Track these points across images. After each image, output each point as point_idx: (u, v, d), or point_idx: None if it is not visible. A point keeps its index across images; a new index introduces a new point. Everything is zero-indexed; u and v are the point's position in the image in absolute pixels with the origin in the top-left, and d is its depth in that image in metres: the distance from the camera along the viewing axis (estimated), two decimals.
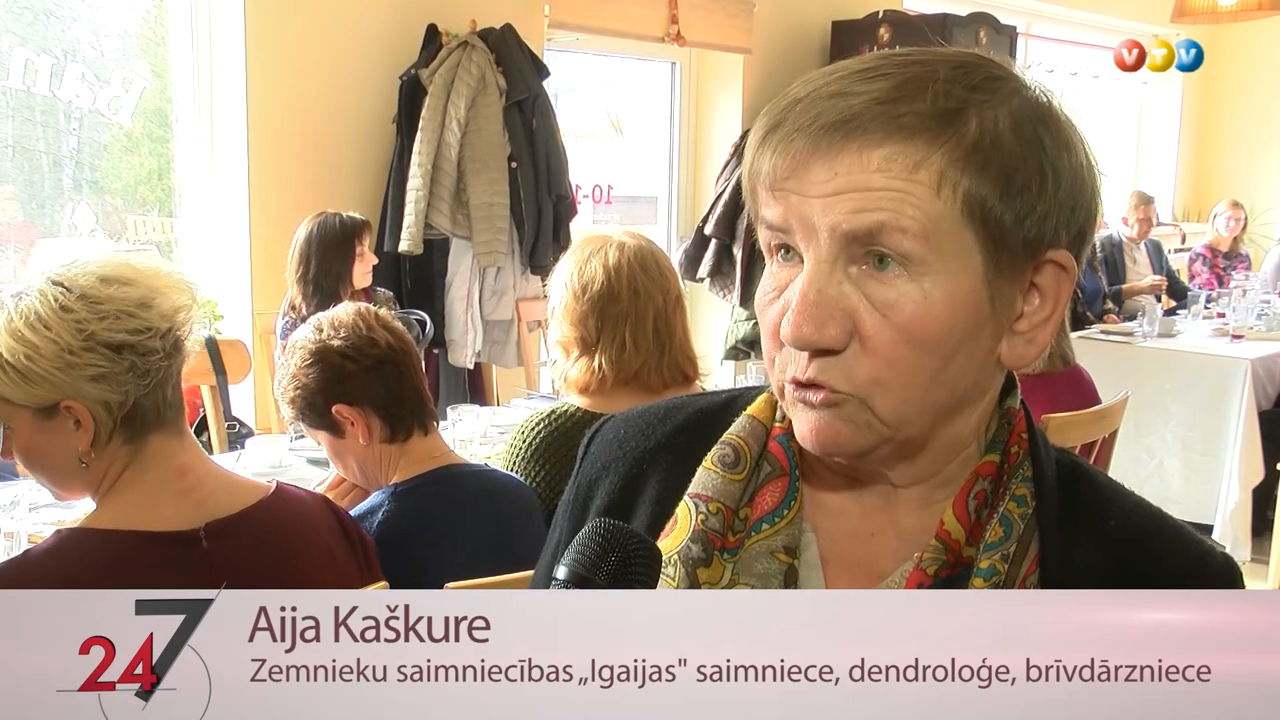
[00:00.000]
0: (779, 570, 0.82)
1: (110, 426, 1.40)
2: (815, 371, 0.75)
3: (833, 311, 0.73)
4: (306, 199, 3.85)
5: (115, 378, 1.37)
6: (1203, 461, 4.61)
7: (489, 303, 4.25)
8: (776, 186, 0.75)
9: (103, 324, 1.36)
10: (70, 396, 1.37)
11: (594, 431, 0.97)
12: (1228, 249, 6.82)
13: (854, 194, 0.72)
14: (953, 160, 0.71)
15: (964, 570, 0.79)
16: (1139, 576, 0.81)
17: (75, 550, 1.38)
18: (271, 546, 1.49)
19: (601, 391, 2.04)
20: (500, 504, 1.92)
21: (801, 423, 0.78)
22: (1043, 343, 0.78)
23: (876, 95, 0.72)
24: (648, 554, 0.70)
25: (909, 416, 0.76)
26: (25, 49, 3.69)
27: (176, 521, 1.43)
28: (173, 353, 1.43)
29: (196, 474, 1.47)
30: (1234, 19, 6.06)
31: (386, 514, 1.81)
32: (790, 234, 0.75)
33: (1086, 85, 7.74)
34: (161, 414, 1.44)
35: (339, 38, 4.06)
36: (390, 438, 1.88)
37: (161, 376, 1.42)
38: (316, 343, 1.86)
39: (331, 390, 1.85)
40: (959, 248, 0.73)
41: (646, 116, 5.68)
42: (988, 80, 0.74)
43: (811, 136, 0.73)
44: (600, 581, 0.68)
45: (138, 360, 1.38)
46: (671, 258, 2.67)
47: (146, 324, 1.39)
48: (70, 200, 4.01)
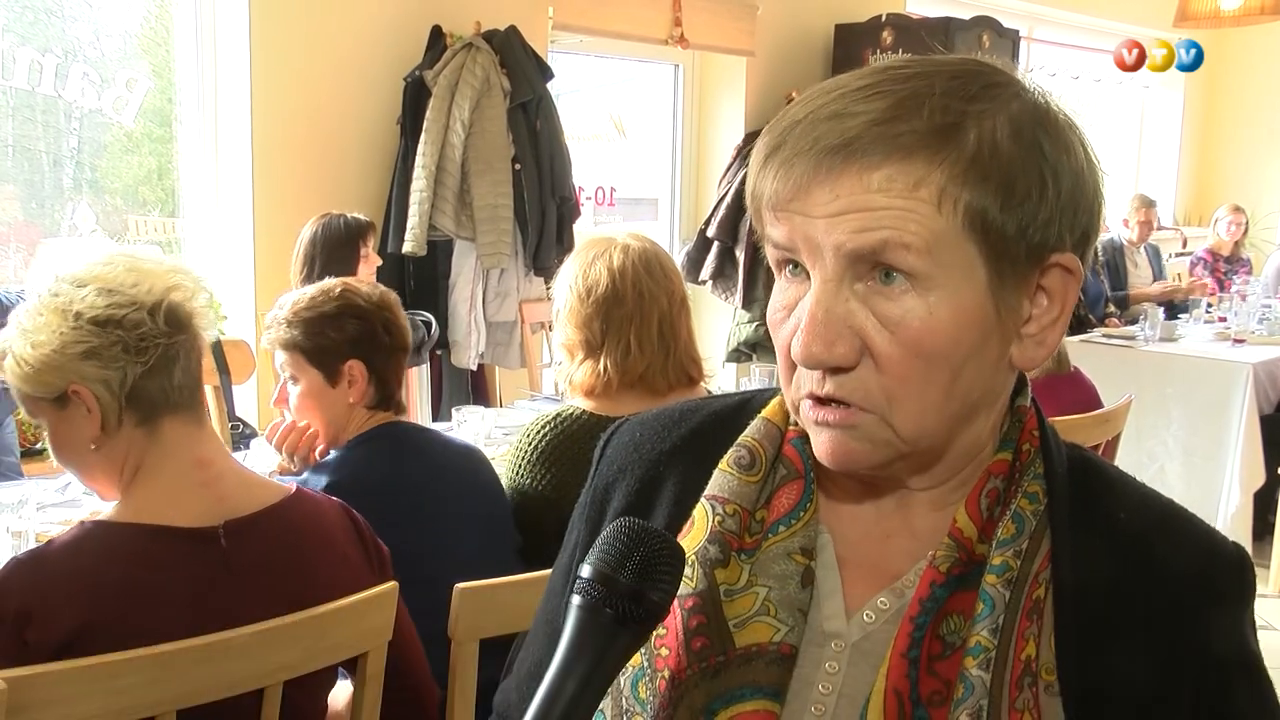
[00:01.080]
0: (796, 571, 0.82)
1: (116, 408, 1.42)
2: (833, 387, 0.76)
3: (841, 330, 0.74)
4: (310, 200, 3.85)
5: (105, 352, 1.40)
6: (1204, 465, 4.61)
7: (492, 304, 4.25)
8: (780, 208, 0.76)
9: (85, 301, 1.41)
10: (73, 380, 1.41)
11: (609, 435, 0.97)
12: (1229, 253, 6.83)
13: (856, 214, 0.73)
14: (953, 176, 0.72)
15: (977, 567, 0.79)
16: (1149, 572, 0.81)
17: (96, 543, 1.40)
18: (288, 548, 1.50)
19: (606, 394, 2.04)
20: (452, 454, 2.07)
21: (819, 441, 0.79)
22: (1053, 343, 0.79)
23: (874, 116, 0.73)
24: (672, 553, 0.71)
25: (927, 430, 0.77)
26: (27, 48, 3.69)
27: (197, 517, 1.44)
28: (172, 331, 1.44)
29: (216, 468, 1.48)
30: (1236, 23, 6.07)
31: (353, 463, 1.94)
32: (796, 252, 0.76)
33: (1089, 89, 7.75)
34: (171, 397, 1.46)
35: (343, 39, 4.06)
36: (373, 407, 2.03)
37: (162, 355, 1.43)
38: (369, 302, 2.01)
39: (359, 348, 1.98)
40: (962, 261, 0.73)
41: (649, 118, 5.68)
42: (985, 89, 0.75)
43: (812, 160, 0.73)
44: (625, 580, 0.68)
45: (126, 335, 1.41)
46: (673, 260, 2.67)
47: (131, 299, 1.42)
48: (70, 200, 4.01)
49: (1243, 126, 8.56)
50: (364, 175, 4.16)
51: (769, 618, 0.81)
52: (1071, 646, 0.79)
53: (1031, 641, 0.78)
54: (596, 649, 0.67)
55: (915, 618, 0.78)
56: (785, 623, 0.81)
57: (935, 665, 0.77)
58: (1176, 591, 0.81)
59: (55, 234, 3.95)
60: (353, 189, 4.09)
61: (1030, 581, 0.79)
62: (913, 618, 0.78)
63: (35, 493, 2.35)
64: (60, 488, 2.48)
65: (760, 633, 0.80)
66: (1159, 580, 0.81)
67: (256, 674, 1.39)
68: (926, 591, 0.79)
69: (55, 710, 1.25)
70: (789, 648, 0.80)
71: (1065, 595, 0.79)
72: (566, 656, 0.67)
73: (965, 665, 0.76)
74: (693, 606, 0.81)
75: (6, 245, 3.92)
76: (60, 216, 4.00)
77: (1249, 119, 8.53)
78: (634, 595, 0.68)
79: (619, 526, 0.71)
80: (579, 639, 0.68)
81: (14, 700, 1.21)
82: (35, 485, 2.52)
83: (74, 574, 1.36)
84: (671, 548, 0.71)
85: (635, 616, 0.68)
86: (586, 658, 0.67)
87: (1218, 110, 8.67)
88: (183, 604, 1.39)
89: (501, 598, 1.62)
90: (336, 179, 4.08)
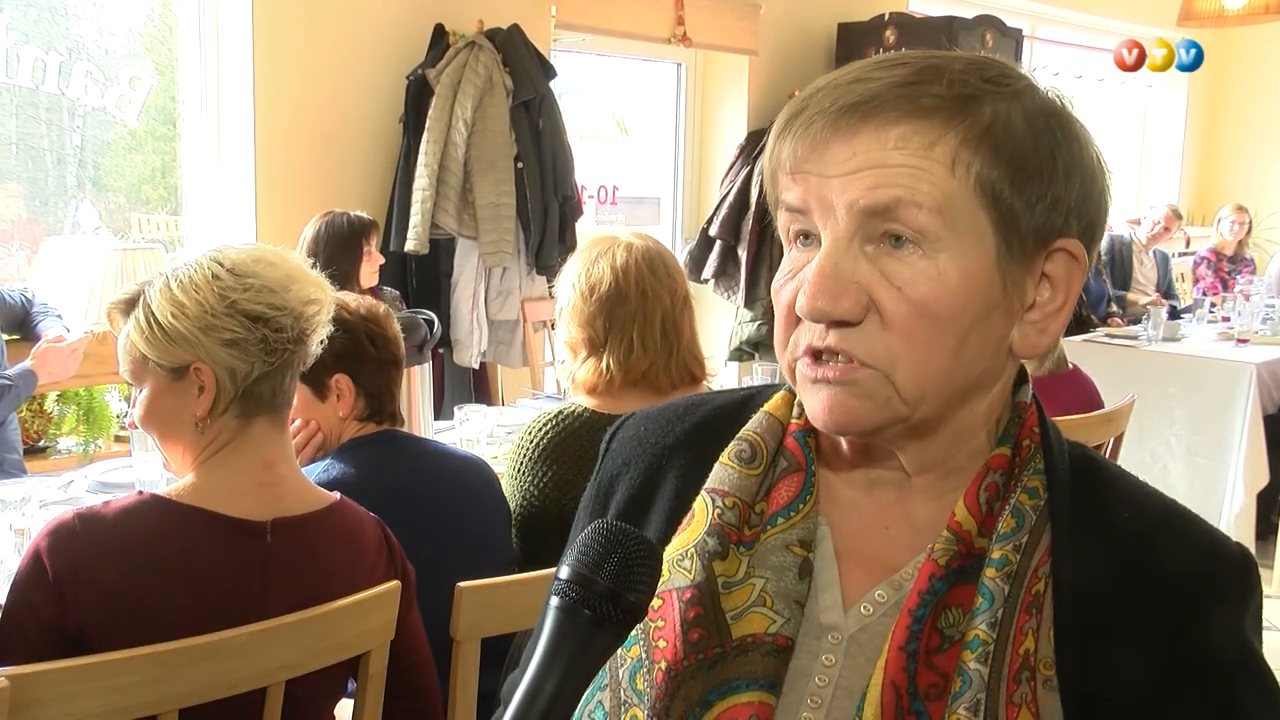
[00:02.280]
0: (794, 563, 0.82)
1: (230, 395, 1.49)
2: (835, 339, 0.76)
3: (848, 285, 0.75)
4: (313, 198, 3.86)
5: (246, 346, 1.47)
6: (1207, 465, 4.61)
7: (494, 303, 4.25)
8: (797, 169, 0.77)
9: (245, 294, 1.48)
10: (202, 359, 1.47)
11: (615, 429, 0.98)
12: (1232, 253, 6.82)
13: (871, 170, 0.74)
14: (966, 141, 0.74)
15: (976, 561, 0.79)
16: (1150, 571, 0.81)
17: (148, 514, 1.44)
18: (323, 555, 1.53)
19: (609, 392, 2.04)
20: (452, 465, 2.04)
21: (815, 401, 0.78)
22: (1054, 333, 0.80)
23: (895, 80, 0.75)
24: (650, 555, 0.70)
25: (928, 394, 0.77)
26: (31, 47, 3.70)
27: (249, 511, 1.49)
28: (298, 341, 1.52)
29: (279, 470, 1.54)
30: (1240, 23, 6.06)
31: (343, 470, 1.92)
32: (809, 214, 0.77)
33: (1092, 89, 7.74)
34: (274, 399, 1.53)
35: (346, 38, 4.06)
36: (365, 419, 1.99)
37: (284, 360, 1.51)
38: (354, 315, 1.96)
39: (345, 362, 1.94)
40: (973, 225, 0.74)
41: (652, 117, 5.68)
42: (1002, 75, 0.77)
43: (831, 118, 0.75)
44: (603, 581, 0.68)
45: (270, 335, 1.48)
46: (676, 259, 2.67)
47: (284, 303, 1.49)
48: (74, 198, 4.01)
49: (1246, 126, 8.55)
50: (366, 174, 4.17)
51: (765, 609, 0.81)
52: (1070, 641, 0.78)
53: (1030, 636, 0.78)
54: (574, 650, 0.68)
55: (913, 610, 0.78)
56: (781, 614, 0.81)
57: (933, 658, 0.77)
58: (1177, 591, 0.80)
59: (58, 232, 3.96)
60: (355, 187, 4.09)
61: (1030, 576, 0.79)
62: (911, 610, 0.78)
63: (38, 490, 2.35)
64: (63, 485, 2.48)
65: (756, 624, 0.80)
66: (1160, 580, 0.81)
67: (257, 673, 1.39)
68: (925, 584, 0.79)
69: (57, 708, 1.25)
70: (785, 640, 0.80)
71: (1064, 591, 0.79)
72: (545, 657, 0.68)
73: (963, 659, 0.76)
74: (690, 598, 0.81)
75: (10, 243, 3.92)
76: (63, 214, 4.01)
77: (1252, 118, 8.52)
78: (611, 597, 0.68)
79: (597, 528, 0.71)
80: (557, 640, 0.68)
81: (16, 697, 1.21)
82: (38, 482, 2.53)
83: (117, 539, 1.40)
84: (649, 550, 0.71)
85: (613, 618, 0.68)
86: (564, 658, 0.67)
87: (1221, 109, 8.66)
88: (216, 590, 1.43)
89: (502, 597, 1.62)
90: (339, 177, 4.08)
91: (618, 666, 0.82)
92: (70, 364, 3.24)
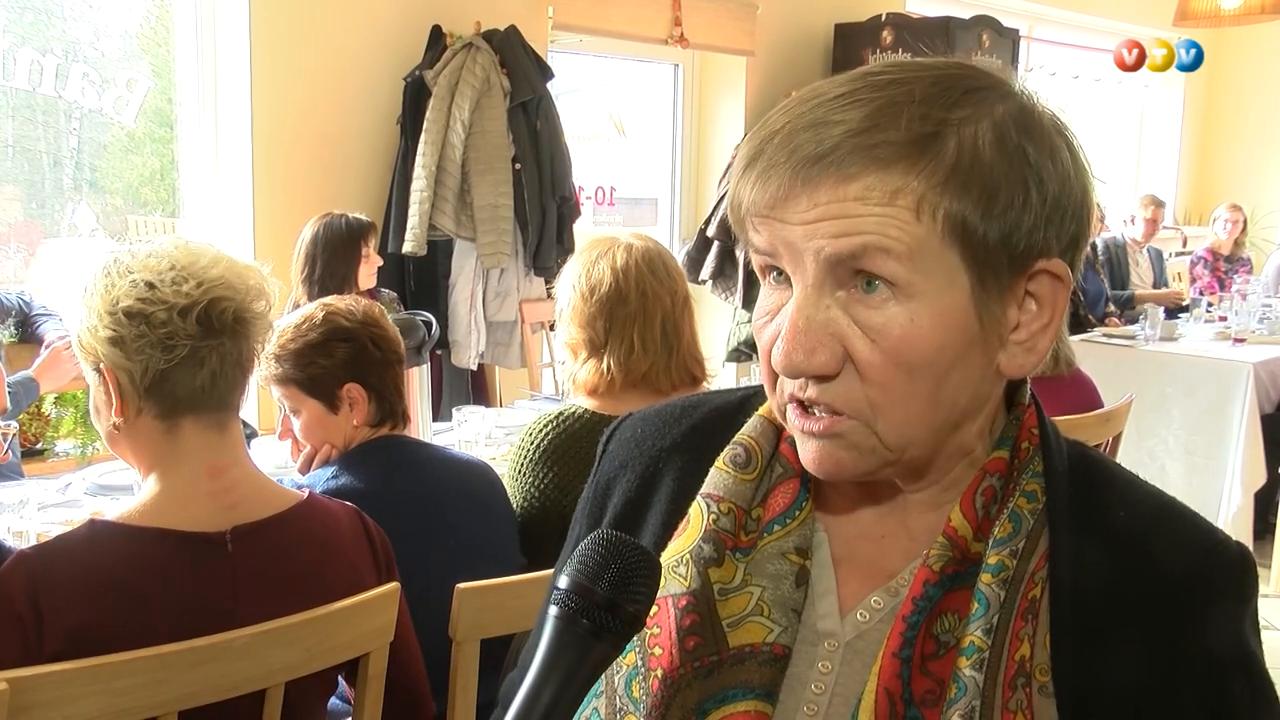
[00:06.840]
0: (790, 571, 0.82)
1: (136, 397, 1.44)
2: (815, 392, 0.75)
3: (822, 338, 0.74)
4: (311, 200, 3.85)
5: (129, 344, 1.41)
6: (1205, 465, 4.61)
7: (492, 304, 4.25)
8: (759, 215, 0.75)
9: (122, 289, 1.42)
10: (102, 359, 1.43)
11: (612, 430, 0.97)
12: (1229, 252, 6.82)
13: (835, 220, 0.72)
14: (931, 185, 0.71)
15: (972, 566, 0.79)
16: (1146, 571, 0.80)
17: (100, 543, 1.40)
18: (294, 555, 1.50)
19: (610, 393, 2.04)
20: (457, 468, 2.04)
21: (805, 450, 0.78)
22: (1042, 350, 0.78)
23: (851, 126, 0.72)
24: (649, 565, 0.70)
25: (912, 439, 0.76)
26: (28, 49, 3.69)
27: (205, 523, 1.43)
28: (203, 334, 1.43)
29: (230, 476, 1.48)
30: (1236, 23, 6.07)
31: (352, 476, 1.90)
32: (778, 258, 0.76)
33: (1088, 88, 7.75)
34: (195, 398, 1.45)
35: (344, 39, 4.06)
36: (377, 423, 1.98)
37: (189, 354, 1.42)
38: (353, 321, 1.95)
39: (353, 369, 1.93)
40: (944, 269, 0.72)
41: (649, 118, 5.68)
42: (967, 94, 0.74)
43: (789, 171, 0.73)
44: (602, 591, 0.68)
45: (149, 330, 1.41)
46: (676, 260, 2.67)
47: (162, 298, 1.41)
48: (71, 200, 4.01)
49: (1243, 125, 8.56)
50: (364, 175, 4.16)
51: (763, 618, 0.81)
52: (1067, 647, 0.78)
53: (1026, 642, 0.77)
54: (572, 659, 0.68)
55: (908, 617, 0.78)
56: (779, 623, 0.80)
57: (928, 665, 0.77)
58: (1173, 590, 0.80)
59: (56, 234, 3.95)
60: (353, 189, 4.09)
61: (1026, 581, 0.78)
62: (906, 617, 0.78)
63: (36, 493, 2.35)
64: (61, 488, 2.48)
65: (754, 633, 0.80)
66: (1155, 579, 0.80)
67: (258, 675, 1.38)
68: (920, 590, 0.78)
69: (57, 711, 1.25)
70: (782, 649, 0.80)
71: (1061, 595, 0.79)
72: (543, 665, 0.67)
73: (959, 665, 0.76)
74: (686, 605, 0.80)
75: (7, 245, 3.92)
76: (61, 217, 4.00)
77: (1249, 118, 8.53)
78: (610, 607, 0.68)
79: (596, 539, 0.70)
80: (555, 649, 0.68)
81: (15, 701, 1.21)
82: (36, 485, 2.53)
83: (78, 573, 1.36)
84: (648, 560, 0.70)
85: (611, 628, 0.68)
86: (562, 667, 0.67)
87: (1218, 109, 8.67)
88: (185, 608, 1.39)
89: (502, 597, 1.62)
90: (337, 179, 4.08)
91: (613, 674, 0.81)
92: (69, 368, 3.24)
